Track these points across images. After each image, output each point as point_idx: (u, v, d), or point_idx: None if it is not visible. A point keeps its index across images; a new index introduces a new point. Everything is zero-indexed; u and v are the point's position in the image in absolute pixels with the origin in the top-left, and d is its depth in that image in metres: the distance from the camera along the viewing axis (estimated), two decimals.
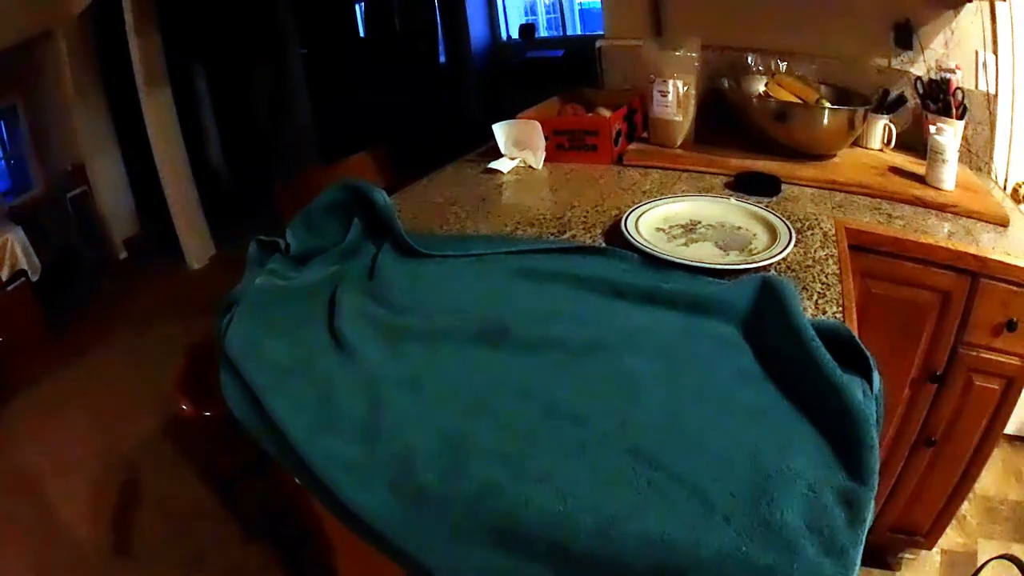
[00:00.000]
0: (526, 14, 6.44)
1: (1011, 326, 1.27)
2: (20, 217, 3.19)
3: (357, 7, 5.29)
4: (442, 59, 5.47)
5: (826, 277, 0.98)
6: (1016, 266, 1.22)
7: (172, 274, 3.69)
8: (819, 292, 0.94)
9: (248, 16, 3.99)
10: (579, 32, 6.19)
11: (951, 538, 1.78)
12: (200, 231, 3.80)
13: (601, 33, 2.14)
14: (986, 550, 1.75)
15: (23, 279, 2.96)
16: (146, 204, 3.91)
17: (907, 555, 1.75)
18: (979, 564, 1.59)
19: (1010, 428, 2.05)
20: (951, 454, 1.46)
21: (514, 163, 1.60)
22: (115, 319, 3.23)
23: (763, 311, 0.82)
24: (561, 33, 6.37)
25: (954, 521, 1.69)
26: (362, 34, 5.40)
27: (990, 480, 2.00)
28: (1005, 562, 1.35)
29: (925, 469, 1.50)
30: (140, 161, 3.61)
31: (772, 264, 0.99)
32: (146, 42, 3.28)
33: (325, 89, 4.51)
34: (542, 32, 6.28)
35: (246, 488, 1.88)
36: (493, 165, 1.57)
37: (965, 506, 1.86)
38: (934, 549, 1.71)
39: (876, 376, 0.73)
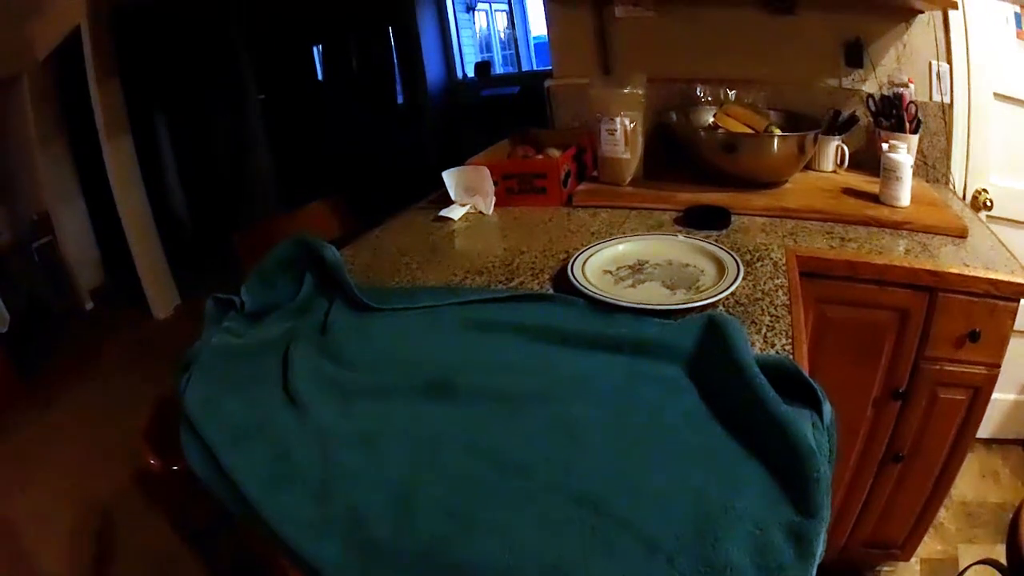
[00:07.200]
0: (481, 51, 6.58)
1: (973, 336, 1.27)
2: None
3: (314, 50, 5.33)
4: (400, 100, 5.51)
5: (775, 309, 0.99)
6: (974, 277, 1.21)
7: (138, 324, 3.66)
8: (768, 325, 0.94)
9: (208, 63, 4.01)
10: (534, 67, 6.34)
11: (930, 547, 1.78)
12: (164, 281, 3.76)
13: None
14: (967, 555, 1.75)
15: None
16: (111, 253, 3.87)
17: (885, 568, 1.75)
18: (960, 570, 1.59)
19: (984, 432, 2.07)
20: (921, 467, 1.46)
21: (464, 209, 1.60)
22: (83, 369, 3.19)
23: (707, 350, 0.82)
24: (516, 69, 6.52)
25: (932, 529, 1.70)
26: (320, 77, 5.45)
27: (967, 485, 2.00)
28: (987, 567, 1.35)
29: (895, 484, 1.50)
30: (104, 210, 3.58)
31: (719, 301, 0.99)
32: (107, 90, 3.28)
33: (284, 134, 4.53)
34: (498, 69, 6.41)
35: (219, 538, 1.86)
36: (444, 213, 1.57)
37: (943, 513, 1.87)
38: (912, 560, 1.71)
39: (826, 406, 0.73)
